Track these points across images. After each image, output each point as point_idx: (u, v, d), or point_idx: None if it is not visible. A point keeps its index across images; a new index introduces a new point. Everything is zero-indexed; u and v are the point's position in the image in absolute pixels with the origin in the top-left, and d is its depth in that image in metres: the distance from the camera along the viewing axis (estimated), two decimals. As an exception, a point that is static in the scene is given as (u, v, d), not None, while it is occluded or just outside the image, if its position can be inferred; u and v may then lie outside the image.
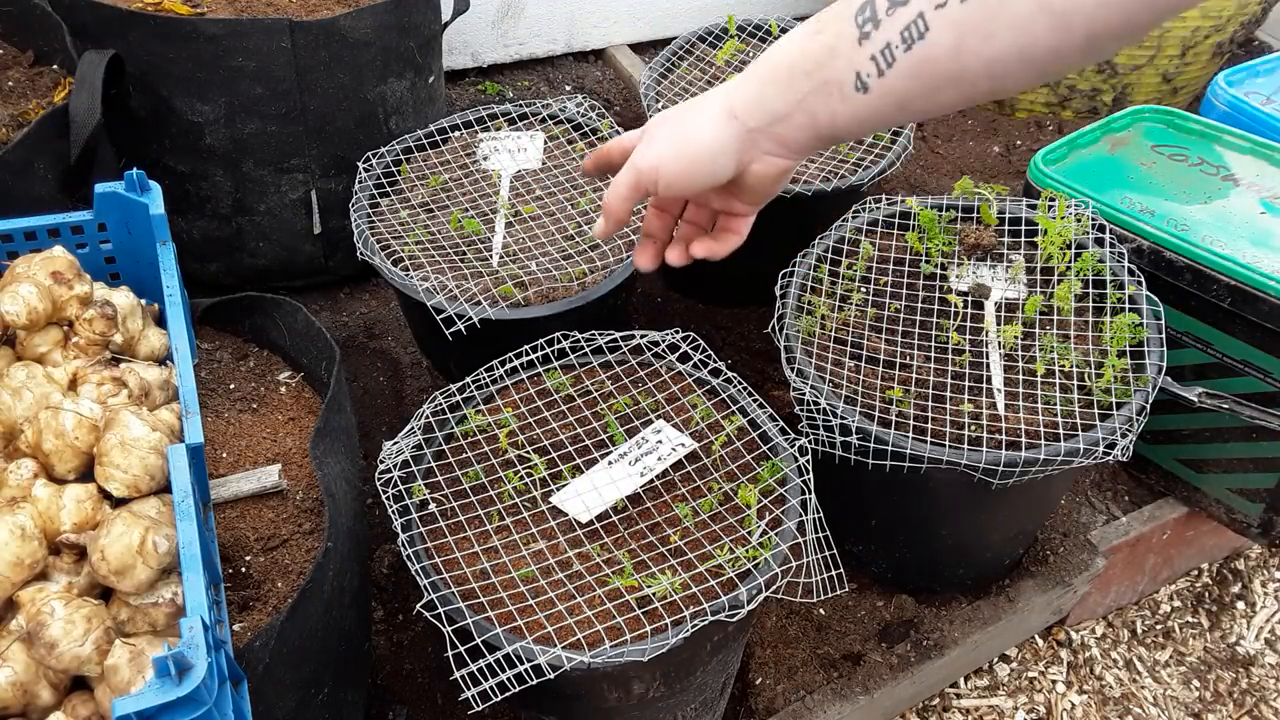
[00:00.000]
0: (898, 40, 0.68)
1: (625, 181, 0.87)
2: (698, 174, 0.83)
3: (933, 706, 1.62)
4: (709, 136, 0.81)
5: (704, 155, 0.82)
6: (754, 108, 0.79)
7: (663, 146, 0.84)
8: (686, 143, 0.82)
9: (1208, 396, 1.40)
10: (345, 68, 1.64)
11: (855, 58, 0.70)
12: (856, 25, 0.70)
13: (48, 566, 0.84)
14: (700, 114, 0.82)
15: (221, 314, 1.29)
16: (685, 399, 1.21)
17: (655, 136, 0.85)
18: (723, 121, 0.81)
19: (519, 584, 1.02)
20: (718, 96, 0.82)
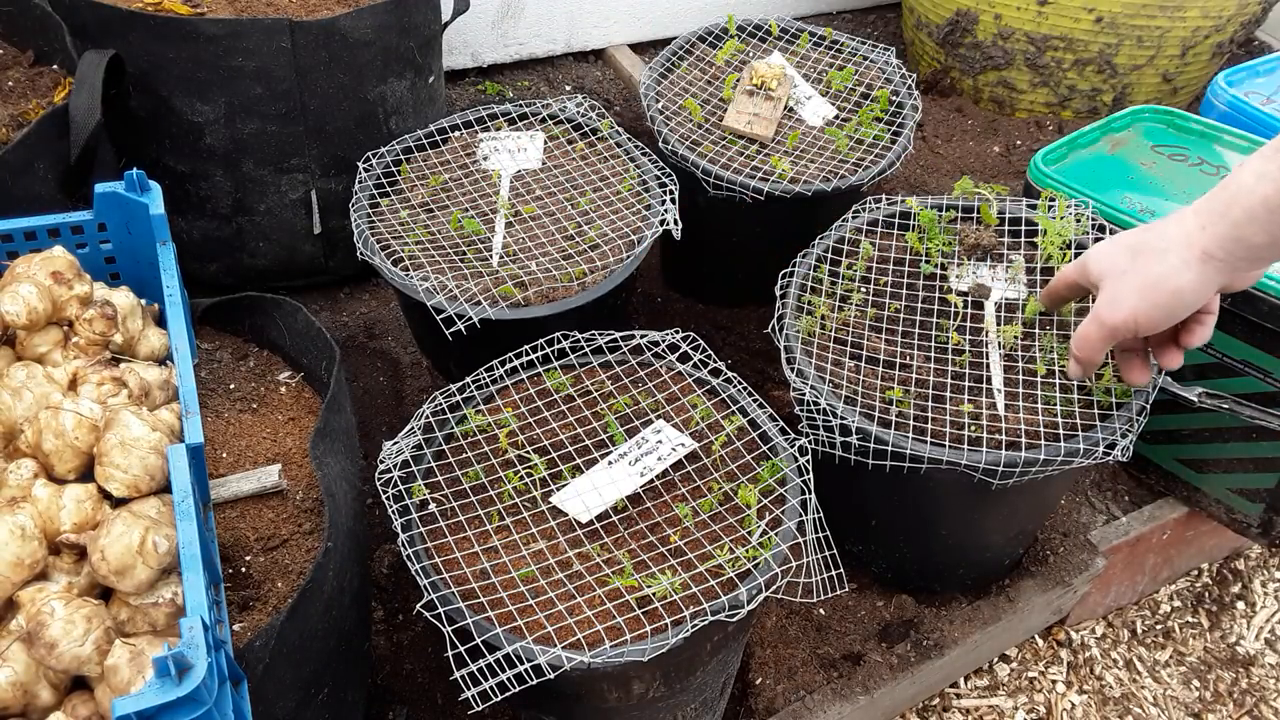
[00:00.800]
0: None
1: (1099, 336, 0.95)
2: (1176, 315, 0.89)
3: (933, 706, 1.62)
4: (1188, 283, 0.85)
5: (1187, 299, 0.87)
6: (1234, 247, 0.82)
7: (1136, 301, 0.88)
8: (1166, 293, 0.87)
9: (1208, 396, 1.40)
10: (345, 68, 1.64)
11: None
12: None
13: (48, 566, 0.84)
14: (1166, 260, 0.85)
15: (221, 314, 1.29)
16: (685, 399, 1.21)
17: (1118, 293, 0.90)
18: (1198, 265, 0.84)
19: (519, 584, 1.02)
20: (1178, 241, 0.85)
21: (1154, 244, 0.86)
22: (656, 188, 1.52)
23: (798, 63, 1.88)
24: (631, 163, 1.59)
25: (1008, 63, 2.38)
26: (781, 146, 1.68)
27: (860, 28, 2.92)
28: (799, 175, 1.62)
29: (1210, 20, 2.23)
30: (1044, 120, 2.43)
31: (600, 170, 1.58)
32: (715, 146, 1.67)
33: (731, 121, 1.70)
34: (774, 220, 1.66)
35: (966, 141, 2.40)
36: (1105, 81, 2.34)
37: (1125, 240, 0.91)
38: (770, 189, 1.56)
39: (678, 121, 1.72)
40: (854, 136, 1.70)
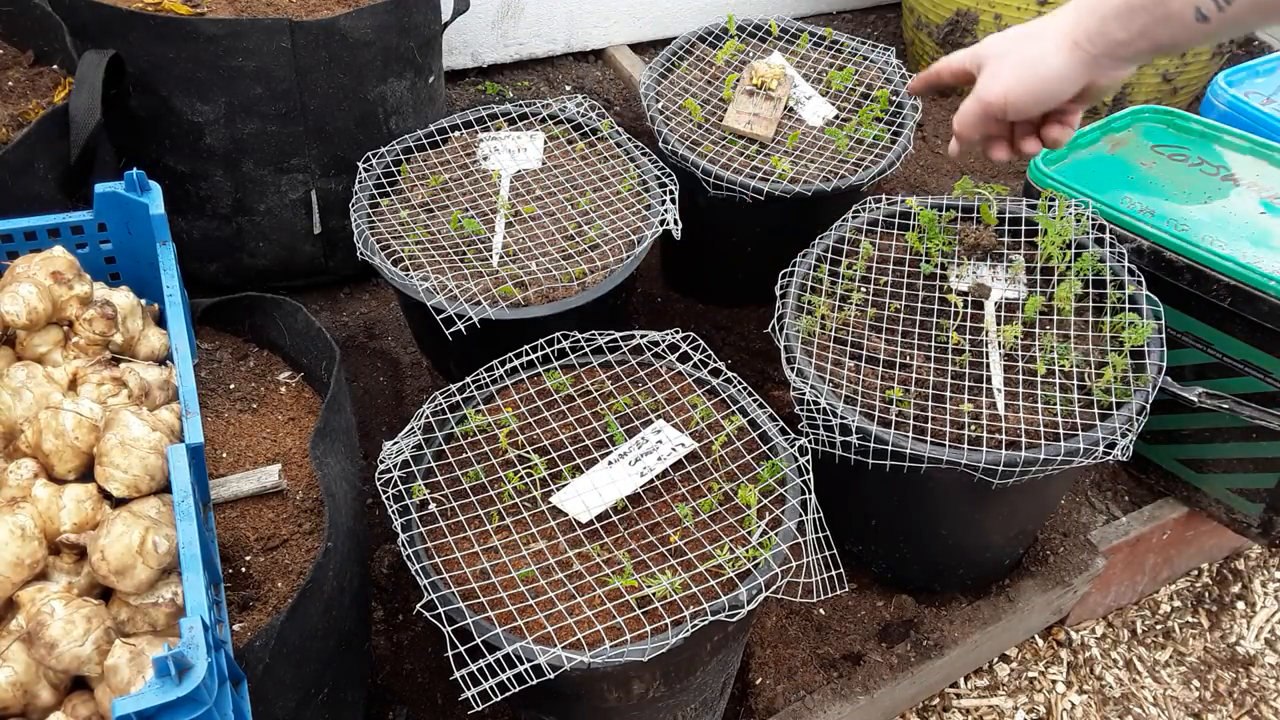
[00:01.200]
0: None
1: (974, 111, 0.99)
2: (1045, 100, 0.95)
3: (933, 706, 1.62)
4: (1056, 66, 0.91)
5: (1052, 84, 0.92)
6: (1097, 39, 0.88)
7: (1010, 77, 0.94)
8: (1034, 74, 0.92)
9: (1208, 396, 1.40)
10: (345, 68, 1.64)
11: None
12: None
13: (48, 566, 0.84)
14: (1041, 45, 0.92)
15: (221, 314, 1.29)
16: (685, 399, 1.21)
17: (998, 71, 0.95)
18: (1067, 52, 0.90)
19: (519, 584, 1.02)
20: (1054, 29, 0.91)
21: (1035, 30, 0.93)
22: (656, 188, 1.52)
23: (798, 63, 1.88)
24: (631, 163, 1.59)
25: (1008, 63, 2.38)
26: (781, 146, 1.68)
27: (860, 28, 2.92)
28: (799, 175, 1.62)
29: (1210, 20, 2.23)
30: (1044, 120, 2.43)
31: (600, 170, 1.58)
32: (715, 146, 1.67)
33: (731, 121, 1.70)
34: (774, 220, 1.66)
35: (966, 141, 2.40)
36: (1105, 81, 2.34)
37: (1013, 29, 0.97)
38: (770, 189, 1.56)
39: (678, 121, 1.72)
40: (854, 136, 1.70)
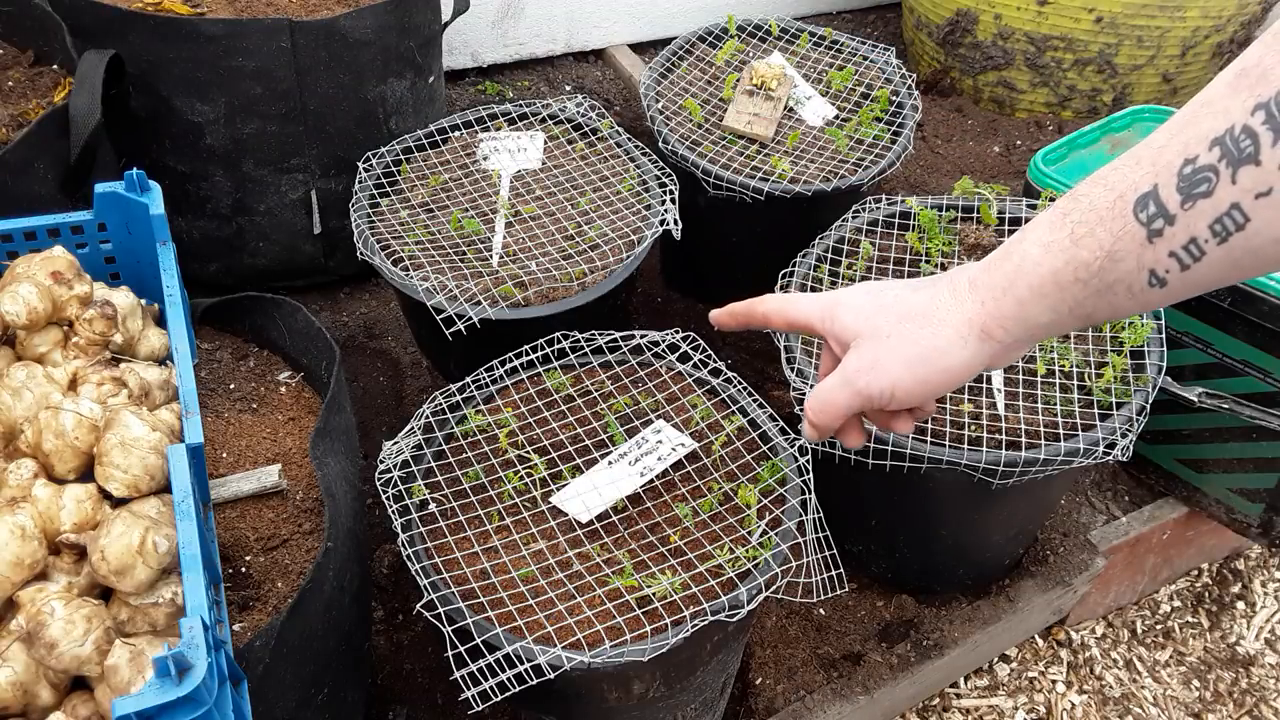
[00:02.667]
0: (1206, 235, 0.59)
1: (845, 404, 0.80)
2: (943, 392, 0.79)
3: (933, 706, 1.62)
4: (960, 361, 0.75)
5: (954, 377, 0.76)
6: (1015, 325, 0.72)
7: (900, 372, 0.77)
8: (933, 369, 0.76)
9: (1208, 396, 1.40)
10: (345, 68, 1.64)
11: (1147, 257, 0.62)
12: (1140, 223, 0.62)
13: (48, 566, 0.84)
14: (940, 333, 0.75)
15: (221, 314, 1.29)
16: (685, 399, 1.21)
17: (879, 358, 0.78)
18: (975, 344, 0.74)
19: (519, 584, 1.02)
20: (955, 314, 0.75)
21: (927, 313, 0.76)
22: (656, 188, 1.52)
23: (798, 63, 1.88)
24: (631, 163, 1.59)
25: (1008, 63, 2.38)
26: (781, 146, 1.68)
27: (860, 28, 2.92)
28: (799, 175, 1.62)
29: (1210, 20, 2.23)
30: (1044, 120, 2.43)
31: (600, 170, 1.58)
32: (715, 146, 1.67)
33: (731, 121, 1.70)
34: (774, 220, 1.66)
35: (966, 141, 2.40)
36: (1105, 81, 2.34)
37: (889, 299, 0.79)
38: (770, 189, 1.56)
39: (678, 121, 1.72)
40: (854, 136, 1.70)
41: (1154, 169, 0.61)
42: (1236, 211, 0.58)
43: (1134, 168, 0.63)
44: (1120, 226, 0.63)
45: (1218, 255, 0.60)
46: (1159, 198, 0.61)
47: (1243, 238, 0.58)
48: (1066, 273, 0.66)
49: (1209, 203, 0.58)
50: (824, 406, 0.81)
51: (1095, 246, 0.64)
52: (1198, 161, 0.58)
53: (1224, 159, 0.57)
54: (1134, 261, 0.63)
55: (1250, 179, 0.56)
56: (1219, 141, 0.58)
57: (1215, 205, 0.58)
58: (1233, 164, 0.57)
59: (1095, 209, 0.64)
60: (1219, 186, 0.58)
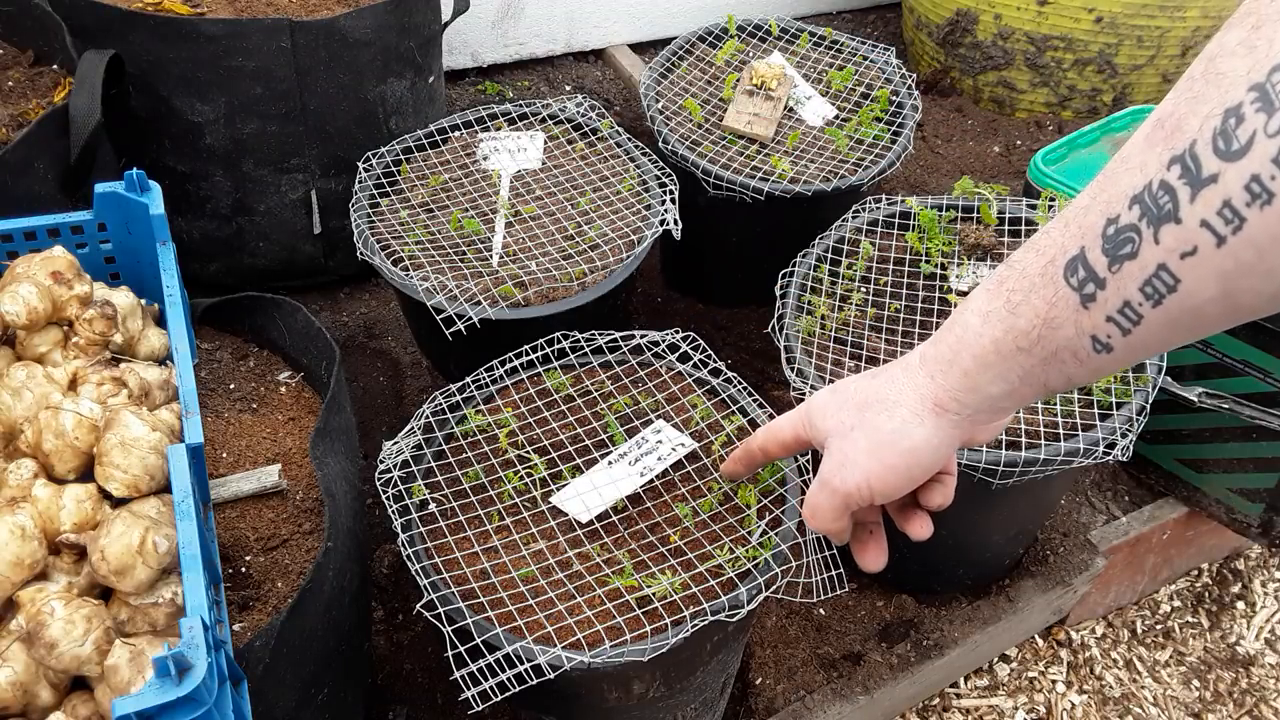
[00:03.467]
0: (1139, 298, 0.56)
1: (833, 506, 0.80)
2: (915, 477, 0.77)
3: (933, 706, 1.62)
4: (922, 440, 0.73)
5: (921, 459, 0.74)
6: (967, 396, 0.70)
7: (867, 463, 0.76)
8: (897, 453, 0.74)
9: (1208, 396, 1.40)
10: (345, 68, 1.64)
11: (1085, 323, 0.60)
12: (1072, 288, 0.59)
13: (48, 566, 0.84)
14: (896, 415, 0.74)
15: (221, 314, 1.29)
16: (685, 399, 1.21)
17: (847, 454, 0.77)
18: (932, 421, 0.73)
19: (519, 584, 1.02)
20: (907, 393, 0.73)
21: (882, 396, 0.74)
22: (656, 188, 1.52)
23: (798, 63, 1.88)
24: (631, 163, 1.59)
25: (1008, 63, 2.38)
26: (781, 146, 1.68)
27: (860, 28, 2.92)
28: (799, 175, 1.62)
29: (1210, 20, 2.23)
30: (1044, 120, 2.43)
31: (600, 170, 1.58)
32: (715, 146, 1.67)
33: (731, 121, 1.70)
34: (774, 220, 1.66)
35: (966, 141, 2.40)
36: (1105, 81, 2.34)
37: (850, 391, 0.78)
38: (770, 189, 1.56)
39: (678, 121, 1.72)
40: (854, 136, 1.70)
41: (1080, 231, 0.59)
42: (1165, 273, 0.54)
43: (1062, 231, 0.60)
44: (1053, 293, 0.61)
45: (1155, 318, 0.57)
46: (1087, 261, 0.58)
47: (1177, 299, 0.55)
48: (1007, 342, 0.65)
49: (1135, 264, 0.55)
50: (813, 512, 0.81)
51: (1031, 314, 0.62)
52: (1119, 221, 0.56)
53: (1144, 218, 0.54)
54: (1072, 328, 0.61)
55: (1173, 238, 0.53)
56: (1138, 199, 0.54)
57: (1142, 267, 0.55)
58: (1153, 223, 0.54)
59: (1027, 275, 0.62)
60: (1143, 247, 0.55)
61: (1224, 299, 0.53)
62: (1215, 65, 0.51)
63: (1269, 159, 0.47)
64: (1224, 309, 0.54)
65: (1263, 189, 0.48)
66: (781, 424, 0.87)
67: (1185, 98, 0.53)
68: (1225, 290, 0.53)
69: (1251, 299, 0.53)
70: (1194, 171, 0.51)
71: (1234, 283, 0.52)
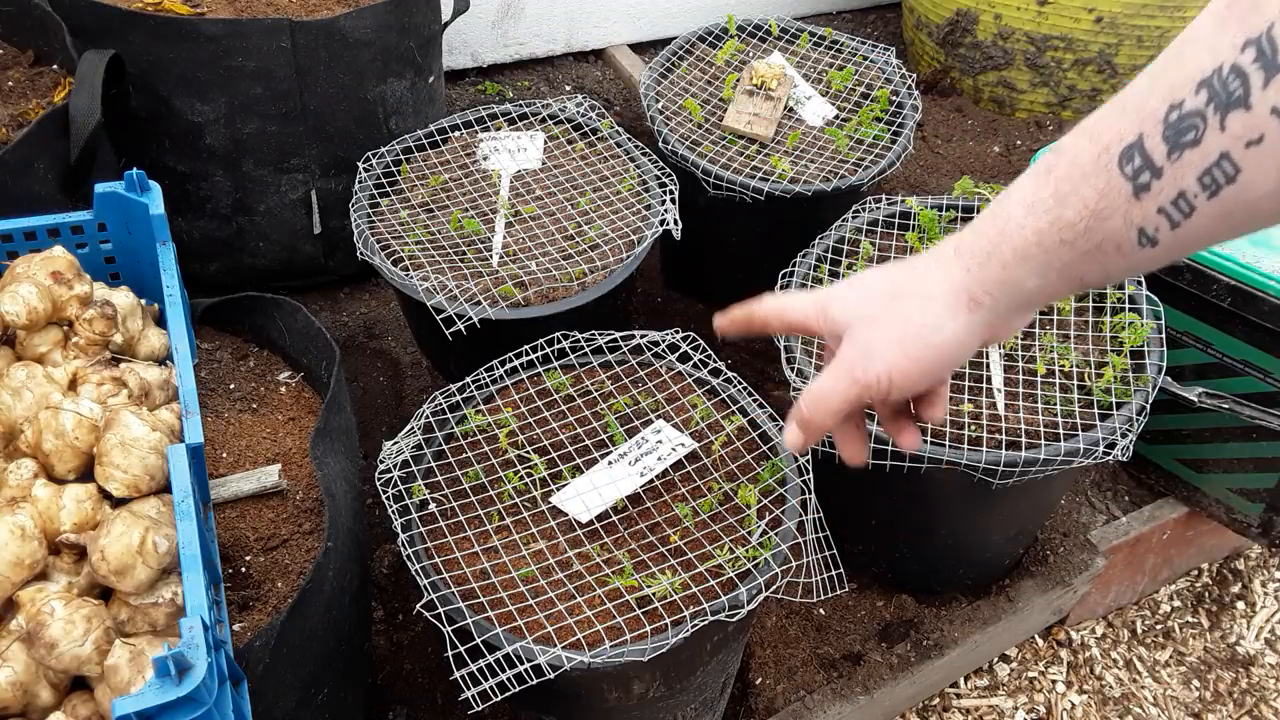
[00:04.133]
0: (1195, 187, 0.54)
1: (844, 397, 0.74)
2: (937, 373, 0.72)
3: (933, 706, 1.62)
4: (952, 335, 0.69)
5: (950, 355, 0.71)
6: (1002, 291, 0.67)
7: (892, 354, 0.71)
8: (927, 346, 0.70)
9: (1208, 396, 1.40)
10: (345, 68, 1.64)
11: (1134, 214, 0.57)
12: (1126, 177, 0.57)
13: (48, 566, 0.84)
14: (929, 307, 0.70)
15: (221, 314, 1.29)
16: (685, 399, 1.21)
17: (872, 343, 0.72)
18: (965, 313, 0.69)
19: (519, 584, 1.02)
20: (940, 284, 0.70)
21: (913, 288, 0.71)
22: (656, 188, 1.52)
23: (798, 63, 1.88)
24: (631, 163, 1.59)
25: (1008, 63, 2.38)
26: (781, 146, 1.68)
27: (860, 28, 2.92)
28: (799, 175, 1.62)
29: (1210, 20, 2.23)
30: (1044, 120, 2.43)
31: (600, 170, 1.58)
32: (715, 146, 1.67)
33: (731, 121, 1.70)
34: (774, 220, 1.66)
35: (966, 141, 2.40)
36: (1105, 81, 2.34)
37: (876, 282, 0.74)
38: (770, 189, 1.56)
39: (678, 121, 1.72)
40: (854, 136, 1.70)
41: (1139, 117, 0.56)
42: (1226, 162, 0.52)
43: (1119, 115, 0.58)
44: (1105, 182, 0.58)
45: (1209, 210, 0.55)
46: (1144, 149, 0.56)
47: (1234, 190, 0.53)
48: (1051, 234, 0.62)
49: (1197, 153, 0.53)
50: (819, 401, 0.75)
51: (1080, 204, 0.60)
52: (1184, 107, 0.54)
53: (1211, 103, 0.52)
54: (1121, 220, 0.59)
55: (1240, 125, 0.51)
56: (1206, 84, 0.52)
57: (1204, 156, 0.53)
58: (1221, 109, 0.52)
59: (1079, 164, 0.60)
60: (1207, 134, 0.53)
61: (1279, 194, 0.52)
62: None
63: None
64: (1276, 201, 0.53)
65: None
66: (794, 305, 0.80)
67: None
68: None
69: None
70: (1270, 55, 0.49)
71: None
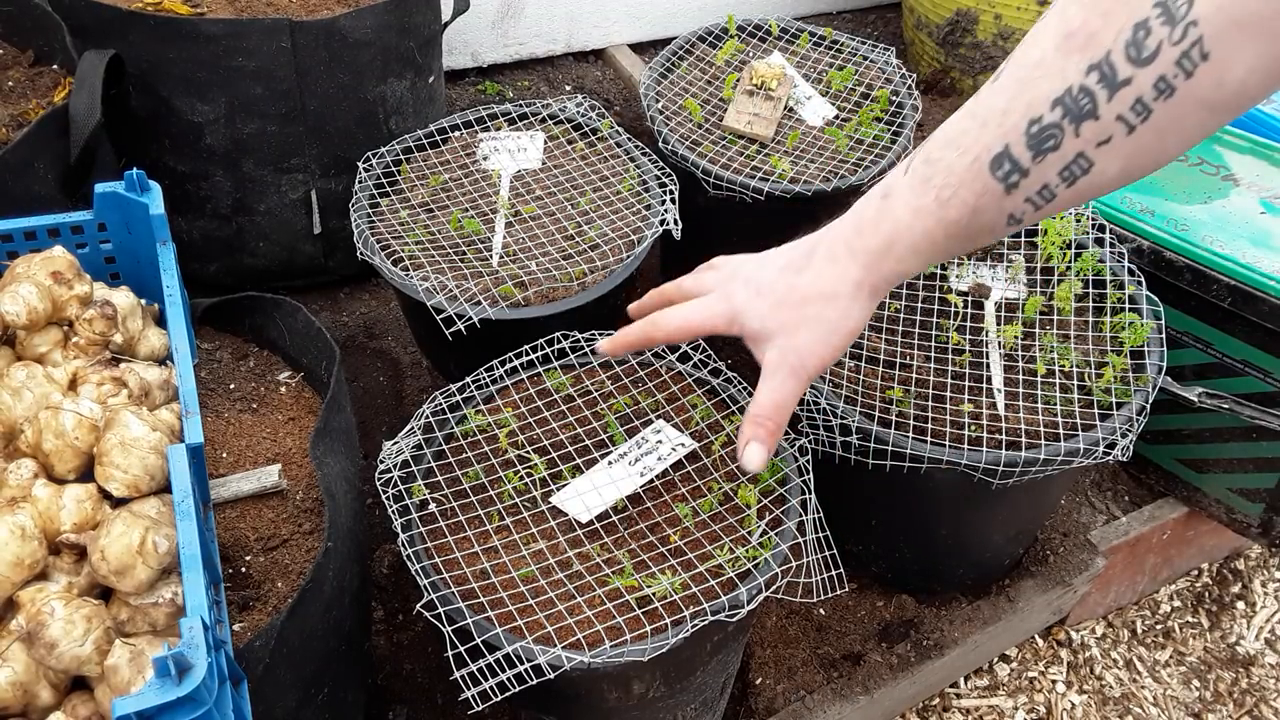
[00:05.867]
0: (1056, 180, 0.68)
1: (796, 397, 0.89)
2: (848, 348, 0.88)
3: (933, 706, 1.62)
4: (858, 320, 0.85)
5: (855, 335, 0.86)
6: (895, 276, 0.82)
7: (821, 349, 0.86)
8: (842, 335, 0.85)
9: (1208, 396, 1.40)
10: (345, 68, 1.64)
11: (1006, 205, 0.71)
12: (998, 180, 0.70)
13: (48, 566, 0.84)
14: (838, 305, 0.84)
15: (221, 314, 1.29)
16: (685, 399, 1.21)
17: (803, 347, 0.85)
18: (866, 300, 0.84)
19: (519, 584, 1.02)
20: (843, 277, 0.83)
21: (819, 289, 0.84)
22: (656, 188, 1.52)
23: (798, 63, 1.88)
24: (631, 163, 1.59)
25: (1008, 63, 2.38)
26: (781, 146, 1.68)
27: (860, 28, 2.92)
28: (799, 175, 1.62)
29: (1210, 20, 2.23)
30: (1044, 120, 2.43)
31: (600, 170, 1.58)
32: (715, 146, 1.67)
33: (731, 121, 1.70)
34: (774, 220, 1.66)
35: (966, 141, 2.40)
36: (1105, 81, 2.34)
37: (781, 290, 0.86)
38: (770, 189, 1.56)
39: (678, 121, 1.72)
40: (854, 136, 1.70)
41: (1001, 130, 0.69)
42: (1082, 159, 0.66)
43: (981, 130, 0.70)
44: (982, 186, 0.71)
45: (1067, 195, 0.69)
46: (1012, 155, 0.69)
47: (1088, 179, 0.67)
48: (939, 231, 0.75)
49: (1057, 155, 0.67)
50: (781, 409, 0.88)
51: (961, 205, 0.73)
52: (1043, 121, 0.67)
53: (1066, 116, 0.65)
54: (995, 211, 0.72)
55: (1091, 131, 0.65)
56: (1059, 101, 0.65)
57: (1063, 156, 0.67)
58: (1075, 120, 0.65)
59: (955, 172, 0.72)
60: (1065, 141, 0.66)
61: (1121, 175, 0.67)
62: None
63: (1173, 62, 0.59)
64: (1118, 181, 0.67)
65: (1167, 85, 0.60)
66: (701, 320, 0.93)
67: (1095, 13, 0.63)
68: (1124, 168, 0.66)
69: (1140, 172, 0.67)
70: (1110, 77, 0.62)
71: (1133, 161, 0.66)
